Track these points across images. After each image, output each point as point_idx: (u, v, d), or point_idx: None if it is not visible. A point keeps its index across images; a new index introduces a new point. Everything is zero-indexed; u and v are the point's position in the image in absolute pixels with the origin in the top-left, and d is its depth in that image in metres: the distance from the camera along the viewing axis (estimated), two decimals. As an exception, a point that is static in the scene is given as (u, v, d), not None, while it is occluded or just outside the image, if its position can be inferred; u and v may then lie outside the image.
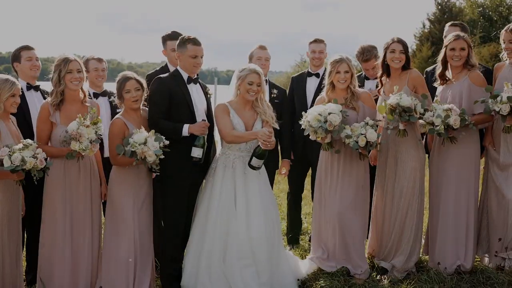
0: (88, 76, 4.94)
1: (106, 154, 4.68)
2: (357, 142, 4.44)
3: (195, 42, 4.41)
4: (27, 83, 4.65)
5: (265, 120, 4.47)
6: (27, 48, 4.73)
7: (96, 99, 4.87)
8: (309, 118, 4.54)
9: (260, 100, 4.47)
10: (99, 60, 5.02)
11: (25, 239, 4.67)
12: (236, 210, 4.36)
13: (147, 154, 4.02)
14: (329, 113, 4.47)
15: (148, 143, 4.04)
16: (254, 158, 4.25)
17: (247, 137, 4.36)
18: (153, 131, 4.14)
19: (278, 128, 4.54)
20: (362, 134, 4.45)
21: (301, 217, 5.97)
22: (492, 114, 4.54)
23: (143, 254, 4.35)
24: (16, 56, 4.72)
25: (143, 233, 4.36)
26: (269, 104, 4.58)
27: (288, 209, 5.92)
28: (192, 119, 4.37)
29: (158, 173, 4.21)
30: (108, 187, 4.42)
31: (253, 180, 4.44)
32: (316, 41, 5.60)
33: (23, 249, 4.59)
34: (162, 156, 4.09)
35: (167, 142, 4.11)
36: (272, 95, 5.36)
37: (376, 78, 5.09)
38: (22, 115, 4.44)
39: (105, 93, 5.04)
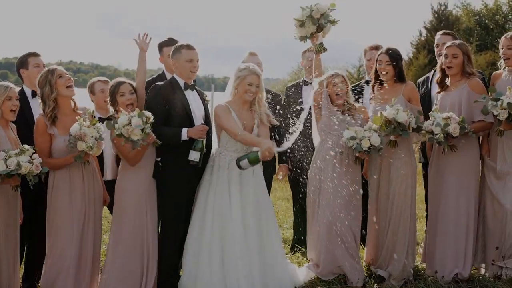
0: (94, 99, 4.81)
1: (108, 177, 4.70)
2: (359, 145, 4.48)
3: (189, 47, 4.44)
4: (32, 90, 4.61)
5: (260, 119, 4.49)
6: (34, 54, 4.71)
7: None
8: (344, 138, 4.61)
9: (258, 100, 4.49)
10: (105, 81, 4.80)
11: (24, 247, 4.63)
12: (231, 211, 4.35)
13: (132, 133, 4.01)
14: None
15: (132, 122, 4.02)
16: (246, 160, 4.20)
17: (251, 142, 4.32)
18: (137, 109, 4.14)
19: (277, 123, 4.61)
20: (366, 137, 4.48)
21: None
22: (491, 122, 4.54)
23: (150, 258, 4.39)
24: (23, 63, 4.69)
25: (151, 235, 4.40)
26: (265, 103, 4.58)
27: (294, 217, 5.89)
28: (190, 126, 4.37)
29: (158, 144, 4.19)
30: (115, 192, 4.42)
31: (249, 182, 4.44)
32: (311, 49, 5.61)
33: (22, 257, 4.57)
34: (148, 131, 4.05)
35: (149, 115, 4.08)
36: (266, 100, 5.37)
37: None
38: (26, 123, 4.38)
39: (109, 118, 4.77)
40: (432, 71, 5.53)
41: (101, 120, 4.68)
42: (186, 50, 4.43)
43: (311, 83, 5.55)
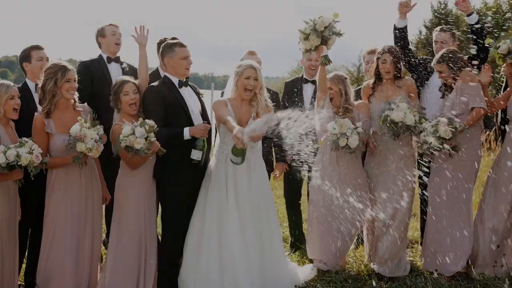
0: (104, 41, 5.18)
1: None
2: (337, 140, 4.57)
3: (181, 44, 4.45)
4: (36, 84, 4.58)
5: (257, 112, 4.45)
6: (37, 47, 4.70)
7: (109, 64, 5.13)
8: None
9: (258, 95, 4.45)
10: (116, 25, 5.20)
11: (27, 241, 4.63)
12: (228, 207, 4.36)
13: (135, 142, 4.01)
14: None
15: (136, 132, 4.03)
16: (231, 153, 4.21)
17: (228, 125, 4.21)
18: (140, 119, 4.14)
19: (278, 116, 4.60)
20: (345, 136, 4.52)
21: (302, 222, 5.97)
22: (483, 107, 4.56)
23: (148, 258, 4.39)
24: (26, 56, 4.68)
25: (150, 235, 4.40)
26: (266, 98, 4.54)
27: (289, 216, 5.94)
28: (189, 123, 4.38)
29: (163, 152, 4.20)
30: (115, 191, 4.41)
31: (244, 178, 4.42)
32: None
33: (25, 251, 4.59)
34: (153, 139, 4.06)
35: (152, 123, 4.08)
36: None
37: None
38: (31, 116, 4.30)
39: (117, 59, 5.24)
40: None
41: (109, 60, 5.12)
42: (180, 47, 4.42)
43: (311, 81, 5.56)
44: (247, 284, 4.27)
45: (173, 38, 4.82)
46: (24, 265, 4.66)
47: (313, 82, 5.52)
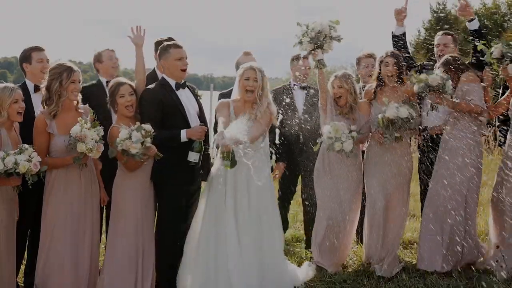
0: (101, 66, 5.07)
1: None
2: (332, 144, 4.60)
3: (176, 45, 4.43)
4: (35, 85, 4.56)
5: (255, 115, 4.41)
6: (37, 49, 4.67)
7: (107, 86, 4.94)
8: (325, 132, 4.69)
9: (260, 98, 4.43)
10: (112, 50, 5.13)
11: (26, 242, 4.62)
12: (225, 207, 4.36)
13: (131, 147, 4.00)
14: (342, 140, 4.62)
15: (132, 137, 4.02)
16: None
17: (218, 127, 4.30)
18: (138, 122, 4.14)
19: (276, 125, 4.63)
20: (340, 140, 4.55)
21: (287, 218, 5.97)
22: (482, 108, 4.62)
23: (145, 259, 4.37)
24: (26, 57, 4.66)
25: (148, 236, 4.39)
26: (269, 101, 4.52)
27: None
28: (186, 125, 4.37)
29: (160, 157, 4.20)
30: (113, 192, 4.41)
31: (243, 181, 4.41)
32: (298, 58, 5.54)
33: (24, 252, 4.59)
34: (149, 144, 4.06)
35: (149, 128, 4.07)
36: None
37: None
38: (29, 117, 4.28)
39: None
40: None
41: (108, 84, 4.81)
42: (174, 48, 4.40)
43: (301, 87, 5.54)
44: (242, 284, 4.26)
45: (169, 38, 4.77)
46: (23, 266, 4.66)
47: (304, 88, 5.53)
